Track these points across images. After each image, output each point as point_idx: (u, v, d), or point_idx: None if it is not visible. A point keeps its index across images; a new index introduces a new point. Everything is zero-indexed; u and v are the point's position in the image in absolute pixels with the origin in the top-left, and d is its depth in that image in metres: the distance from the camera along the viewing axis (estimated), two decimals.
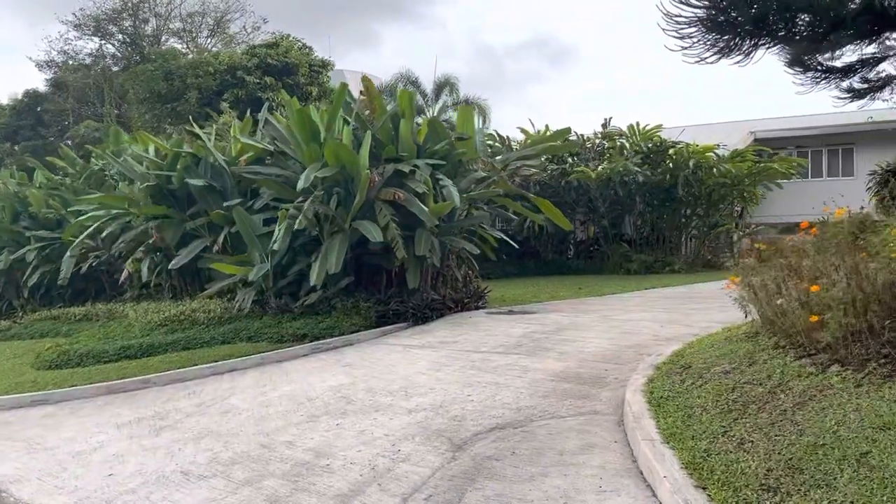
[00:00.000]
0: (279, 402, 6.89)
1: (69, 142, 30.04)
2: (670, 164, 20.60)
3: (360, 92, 10.96)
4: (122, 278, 12.11)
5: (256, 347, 9.24)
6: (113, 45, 37.47)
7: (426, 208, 9.56)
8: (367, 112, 10.81)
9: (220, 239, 11.32)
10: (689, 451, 3.82)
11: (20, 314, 16.28)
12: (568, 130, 11.03)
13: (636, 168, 19.99)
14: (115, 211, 13.40)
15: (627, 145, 21.88)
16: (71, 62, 37.70)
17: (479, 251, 11.02)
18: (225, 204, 11.22)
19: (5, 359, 11.55)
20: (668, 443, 3.96)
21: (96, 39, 36.97)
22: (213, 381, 8.39)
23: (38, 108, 36.81)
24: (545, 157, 12.15)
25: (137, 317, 11.69)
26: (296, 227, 9.46)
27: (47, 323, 14.61)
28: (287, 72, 24.51)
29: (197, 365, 8.86)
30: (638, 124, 22.11)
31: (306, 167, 10.83)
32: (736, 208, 22.84)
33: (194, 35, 38.52)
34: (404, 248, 9.52)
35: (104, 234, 14.06)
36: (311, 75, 25.43)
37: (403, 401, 6.33)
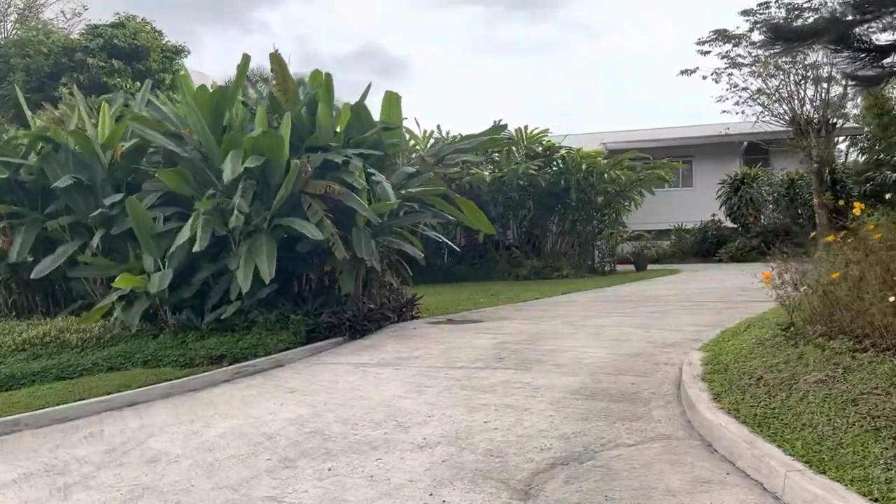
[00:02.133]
0: (226, 444, 5.48)
1: None
2: (561, 168, 20.80)
3: (272, 70, 9.54)
4: None
5: (159, 374, 7.57)
6: None
7: (366, 204, 8.41)
8: (279, 93, 9.43)
9: (96, 242, 9.33)
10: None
11: None
12: (502, 127, 10.38)
13: (533, 171, 19.95)
14: None
15: (514, 149, 21.83)
16: None
17: (422, 254, 10.01)
18: (107, 201, 9.25)
19: None
20: (844, 482, 3.27)
21: None
22: (112, 420, 6.68)
23: None
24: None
25: None
26: (231, 224, 7.92)
27: None
28: (136, 56, 21.79)
29: (84, 399, 7.05)
30: (526, 128, 22.19)
31: (208, 155, 9.24)
32: (612, 215, 23.60)
33: None
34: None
35: None
36: (163, 61, 22.85)
37: (402, 433, 5.22)
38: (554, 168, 20.80)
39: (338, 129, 9.83)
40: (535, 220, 22.11)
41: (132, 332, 8.57)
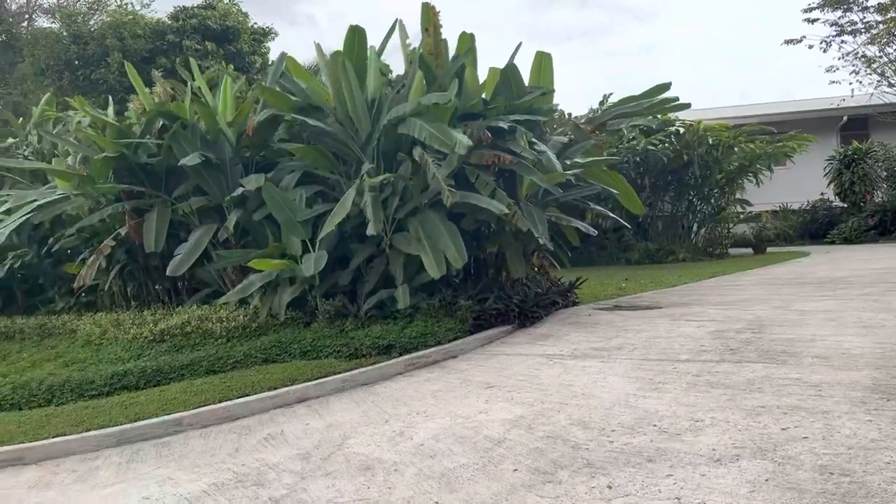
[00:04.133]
0: (447, 449, 4.68)
1: None
2: (677, 143, 19.46)
3: (424, 29, 8.67)
4: (80, 282, 9.21)
5: (323, 366, 6.87)
6: None
7: (542, 174, 7.49)
8: (429, 56, 8.59)
9: (231, 225, 8.71)
10: None
11: None
12: (666, 86, 9.29)
13: (652, 147, 18.71)
14: (43, 199, 10.36)
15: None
16: None
17: (594, 231, 9.07)
18: (244, 181, 8.60)
19: None
20: None
21: None
22: (286, 418, 6.00)
23: None
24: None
25: (103, 332, 8.91)
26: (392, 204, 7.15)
27: None
28: (226, 38, 21.46)
29: (247, 395, 6.40)
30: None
31: (353, 129, 8.49)
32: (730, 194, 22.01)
33: (70, 11, 34.11)
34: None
35: (37, 225, 11.03)
36: (252, 43, 22.49)
37: (673, 442, 4.29)
38: (671, 143, 19.46)
39: (483, 96, 8.94)
40: (648, 200, 20.77)
41: (280, 321, 7.91)
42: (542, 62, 9.25)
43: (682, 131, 19.92)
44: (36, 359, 8.85)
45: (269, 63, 24.78)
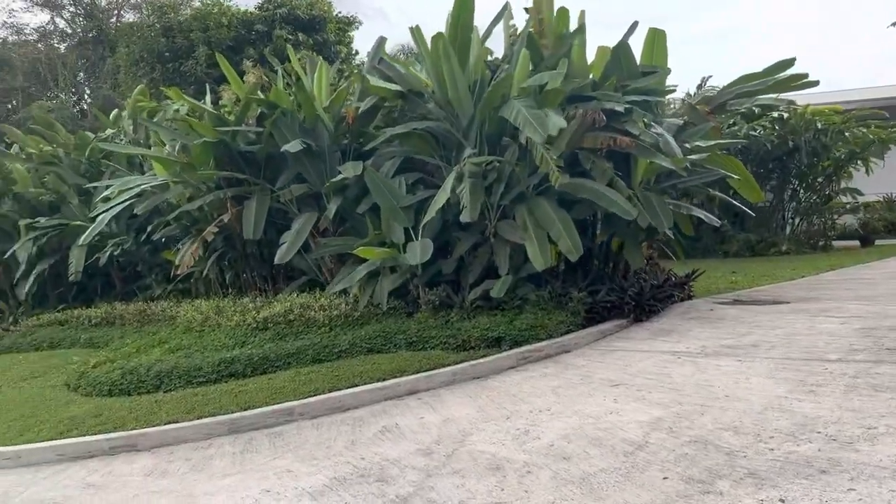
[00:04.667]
0: (581, 451, 4.36)
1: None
2: (784, 129, 18.36)
3: (526, 9, 8.32)
4: (182, 269, 9.32)
5: (430, 358, 6.64)
6: (64, 18, 34.20)
7: (668, 157, 7.01)
8: (536, 35, 8.22)
9: (332, 213, 8.61)
10: None
11: (10, 319, 13.36)
12: (790, 62, 8.60)
13: (754, 133, 17.75)
14: (145, 185, 10.55)
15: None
16: (15, 37, 34.45)
17: (718, 221, 8.56)
18: (342, 168, 8.48)
19: (20, 381, 8.75)
20: None
21: (46, 11, 33.70)
22: (399, 411, 5.80)
23: None
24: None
25: (205, 318, 8.98)
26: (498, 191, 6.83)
27: (54, 329, 11.84)
28: (313, 27, 21.60)
29: (356, 386, 6.24)
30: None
31: (455, 114, 8.22)
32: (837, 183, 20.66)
33: (160, 4, 35.32)
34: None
35: (136, 212, 11.24)
36: (338, 32, 22.59)
37: (847, 451, 3.83)
38: (774, 129, 18.39)
39: (591, 76, 8.51)
40: None
41: (382, 311, 7.75)
42: (656, 40, 8.72)
43: (785, 116, 18.82)
44: (140, 345, 9.00)
45: (354, 52, 24.91)
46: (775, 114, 18.83)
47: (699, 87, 17.55)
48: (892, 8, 39.94)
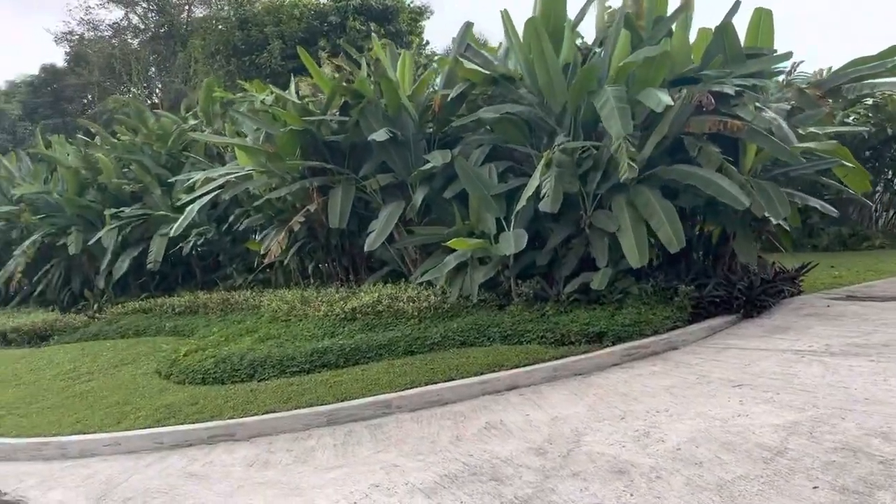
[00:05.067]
0: (712, 457, 4.07)
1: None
2: (881, 116, 17.35)
3: None
4: (269, 258, 9.36)
5: (530, 353, 6.43)
6: (137, 14, 35.19)
7: (787, 143, 6.59)
8: (633, 15, 7.88)
9: (418, 202, 8.49)
10: None
11: (94, 307, 13.74)
12: None
13: (848, 121, 16.83)
14: (231, 175, 10.63)
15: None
16: (91, 33, 35.71)
17: (836, 212, 8.10)
18: (429, 157, 8.34)
19: (111, 368, 8.92)
20: None
21: (120, 7, 34.73)
22: (501, 406, 5.62)
23: (56, 85, 34.88)
24: None
25: (290, 308, 8.98)
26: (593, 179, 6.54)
27: (138, 317, 12.07)
28: (386, 17, 21.57)
29: (453, 379, 6.08)
30: (830, 69, 18.69)
31: (546, 98, 7.96)
32: None
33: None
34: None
35: (223, 199, 11.37)
36: (410, 22, 22.52)
37: None
38: (870, 116, 17.40)
39: (692, 57, 8.10)
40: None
41: (472, 303, 7.57)
42: (762, 19, 8.25)
43: (881, 103, 17.76)
44: (227, 333, 9.06)
45: (425, 42, 24.79)
46: (870, 101, 17.83)
47: (789, 71, 16.65)
48: None
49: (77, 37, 36.05)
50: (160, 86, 36.29)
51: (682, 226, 6.84)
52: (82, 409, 7.11)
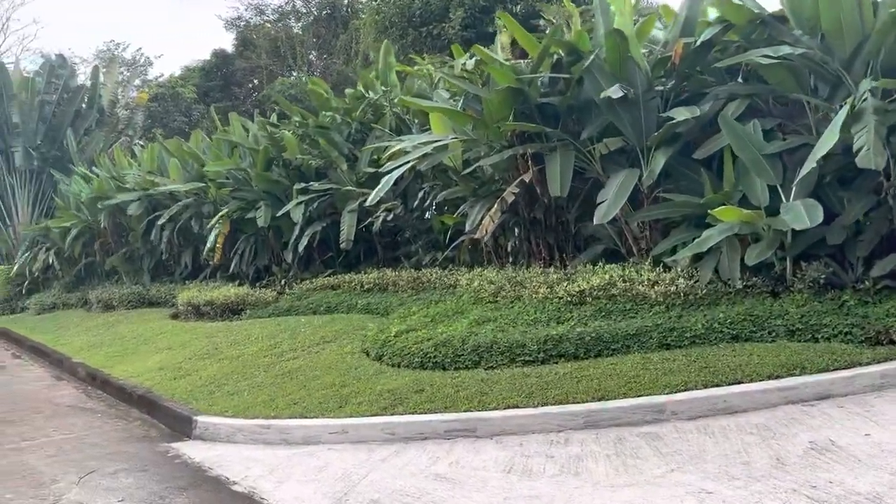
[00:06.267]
0: None
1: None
2: None
3: None
4: (481, 233, 8.67)
5: (837, 353, 5.25)
6: None
7: None
8: None
9: (658, 168, 7.43)
10: None
11: (282, 282, 13.82)
12: None
13: None
14: (435, 143, 10.00)
15: None
16: (256, 18, 37.25)
17: None
18: (672, 114, 7.23)
19: (312, 346, 8.60)
20: None
21: None
22: (821, 421, 4.53)
23: (226, 69, 36.74)
24: None
25: (498, 289, 8.24)
26: None
27: (326, 294, 11.89)
28: None
29: (739, 383, 5.04)
30: None
31: (830, 41, 6.59)
32: None
33: None
34: None
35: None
36: None
37: None
38: None
39: None
40: None
41: (734, 288, 6.42)
42: None
43: None
44: (430, 314, 8.49)
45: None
46: None
47: None
48: None
49: (244, 22, 37.90)
50: (322, 68, 37.30)
51: None
52: (295, 389, 6.77)
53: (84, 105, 23.63)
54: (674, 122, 7.23)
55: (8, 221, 22.18)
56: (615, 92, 7.55)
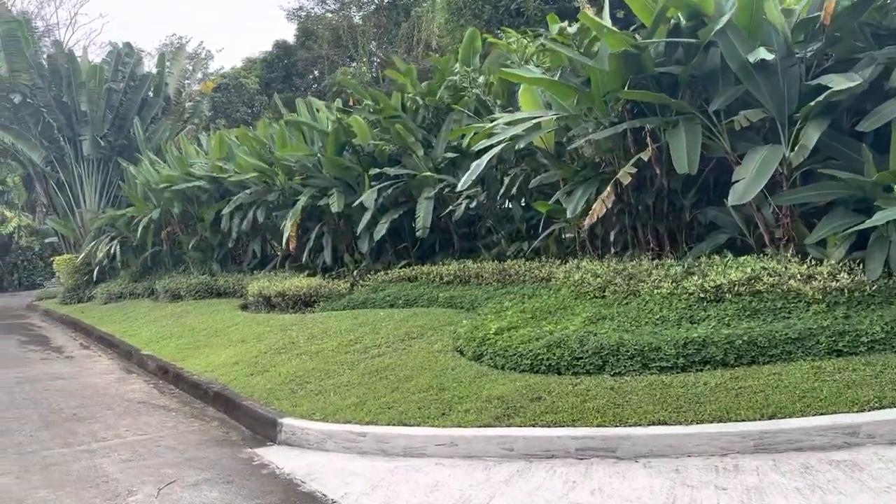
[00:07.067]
0: None
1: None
2: None
3: None
4: (590, 219, 7.83)
5: None
6: None
7: None
8: None
9: (811, 143, 6.46)
10: None
11: (355, 274, 13.22)
12: None
13: None
14: (537, 119, 9.18)
15: None
16: (318, 9, 37.11)
17: None
18: (826, 81, 6.27)
19: (398, 342, 7.90)
20: None
21: None
22: None
23: (288, 60, 36.89)
24: None
25: (606, 283, 7.40)
26: None
27: (403, 286, 11.23)
28: None
29: None
30: None
31: None
32: None
33: None
34: None
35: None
36: None
37: None
38: None
39: None
40: None
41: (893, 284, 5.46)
42: None
43: None
44: (528, 309, 7.72)
45: None
46: None
47: None
48: None
49: (306, 13, 37.83)
50: (381, 57, 36.90)
51: None
52: (386, 391, 6.10)
53: (151, 93, 23.58)
54: (831, 90, 6.26)
55: (75, 209, 22.30)
56: (760, 54, 6.62)
